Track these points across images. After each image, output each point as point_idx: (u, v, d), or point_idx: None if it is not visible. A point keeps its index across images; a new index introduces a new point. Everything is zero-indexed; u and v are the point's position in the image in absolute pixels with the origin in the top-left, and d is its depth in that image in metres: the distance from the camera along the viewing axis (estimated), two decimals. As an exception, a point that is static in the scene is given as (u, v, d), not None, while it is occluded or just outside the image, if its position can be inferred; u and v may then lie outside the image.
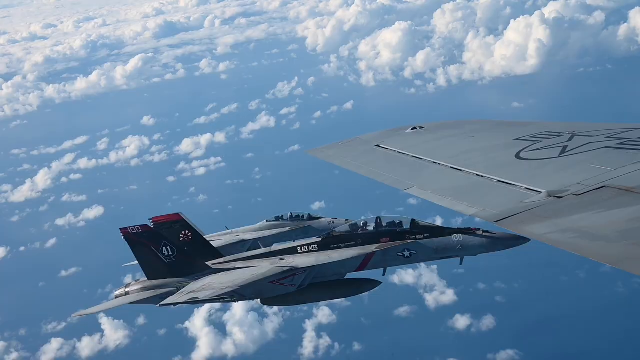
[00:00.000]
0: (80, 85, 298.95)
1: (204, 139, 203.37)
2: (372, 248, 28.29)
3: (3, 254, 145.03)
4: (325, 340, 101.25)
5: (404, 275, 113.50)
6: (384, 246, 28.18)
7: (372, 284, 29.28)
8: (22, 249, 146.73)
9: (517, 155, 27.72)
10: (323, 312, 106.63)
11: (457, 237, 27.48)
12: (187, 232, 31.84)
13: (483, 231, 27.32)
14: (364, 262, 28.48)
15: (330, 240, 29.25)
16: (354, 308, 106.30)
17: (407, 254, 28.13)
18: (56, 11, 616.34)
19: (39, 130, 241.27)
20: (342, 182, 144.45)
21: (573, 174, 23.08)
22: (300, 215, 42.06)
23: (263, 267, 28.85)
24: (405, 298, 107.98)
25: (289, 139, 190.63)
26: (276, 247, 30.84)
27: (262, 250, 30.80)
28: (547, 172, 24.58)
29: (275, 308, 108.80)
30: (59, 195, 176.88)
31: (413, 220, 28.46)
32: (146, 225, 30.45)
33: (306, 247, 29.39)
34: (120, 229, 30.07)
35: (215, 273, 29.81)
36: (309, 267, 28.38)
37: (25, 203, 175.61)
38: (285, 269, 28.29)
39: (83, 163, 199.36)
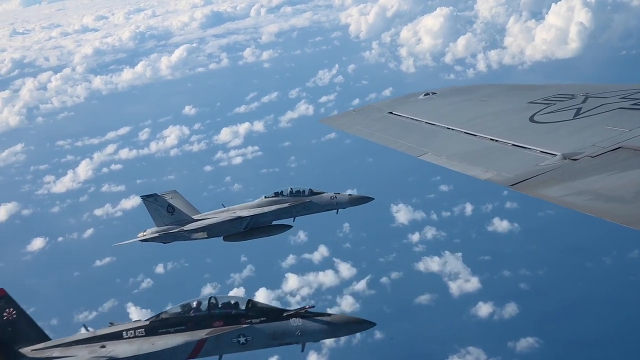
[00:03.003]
0: (126, 76, 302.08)
1: (243, 127, 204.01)
2: (203, 334, 25.69)
3: (42, 244, 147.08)
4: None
5: (430, 263, 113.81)
6: (216, 331, 25.64)
7: None
8: (60, 239, 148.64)
9: (531, 119, 27.48)
10: (346, 301, 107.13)
11: (296, 322, 25.40)
12: (11, 310, 28.33)
13: (325, 314, 25.76)
14: (196, 350, 25.75)
15: (158, 324, 26.37)
16: (376, 297, 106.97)
17: (242, 340, 25.55)
18: (109, 2, 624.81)
19: (85, 121, 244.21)
20: (376, 170, 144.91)
21: (588, 135, 22.99)
22: (301, 190, 41.49)
23: (79, 358, 26.09)
24: (429, 286, 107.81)
25: (326, 127, 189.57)
26: (101, 331, 27.39)
27: (86, 334, 27.42)
28: (562, 135, 24.43)
29: (299, 297, 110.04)
30: (99, 186, 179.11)
31: (249, 301, 26.21)
32: None
33: (132, 332, 26.48)
34: None
35: None
36: (130, 357, 25.77)
37: (66, 194, 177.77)
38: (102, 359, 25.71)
39: (124, 153, 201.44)
